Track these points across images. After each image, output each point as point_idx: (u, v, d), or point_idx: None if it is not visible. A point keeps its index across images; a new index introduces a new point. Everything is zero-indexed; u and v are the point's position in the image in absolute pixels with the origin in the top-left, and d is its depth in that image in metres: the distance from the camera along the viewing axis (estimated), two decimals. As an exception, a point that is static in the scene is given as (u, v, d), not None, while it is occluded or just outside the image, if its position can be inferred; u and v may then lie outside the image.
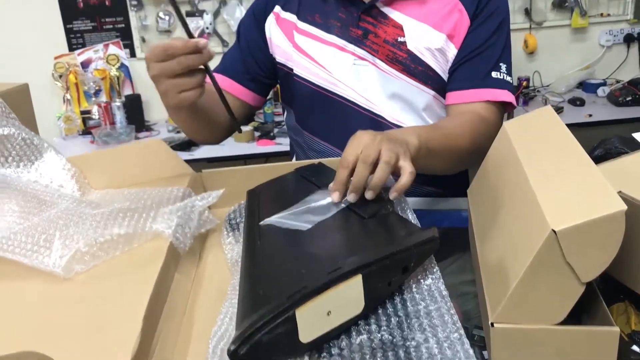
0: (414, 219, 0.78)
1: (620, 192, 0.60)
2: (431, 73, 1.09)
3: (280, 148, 2.37)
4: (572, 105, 2.67)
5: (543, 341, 0.54)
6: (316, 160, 0.94)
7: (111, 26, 2.77)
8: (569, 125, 0.69)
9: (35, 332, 0.57)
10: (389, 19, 1.09)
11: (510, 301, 0.54)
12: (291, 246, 0.66)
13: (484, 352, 0.61)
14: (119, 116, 2.65)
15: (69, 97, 2.75)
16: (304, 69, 1.14)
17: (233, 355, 0.50)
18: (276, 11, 1.17)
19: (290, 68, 1.16)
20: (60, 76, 2.73)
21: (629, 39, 3.00)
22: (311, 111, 1.17)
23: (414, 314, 0.56)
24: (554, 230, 0.50)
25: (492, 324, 0.55)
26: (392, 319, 0.56)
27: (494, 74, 1.08)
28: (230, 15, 2.77)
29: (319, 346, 0.55)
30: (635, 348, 0.60)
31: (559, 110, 2.57)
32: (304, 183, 0.84)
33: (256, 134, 2.52)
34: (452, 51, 1.09)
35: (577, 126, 2.42)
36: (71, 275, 0.66)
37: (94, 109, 2.71)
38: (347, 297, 0.54)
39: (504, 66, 1.09)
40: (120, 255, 0.70)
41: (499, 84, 1.07)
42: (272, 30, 1.17)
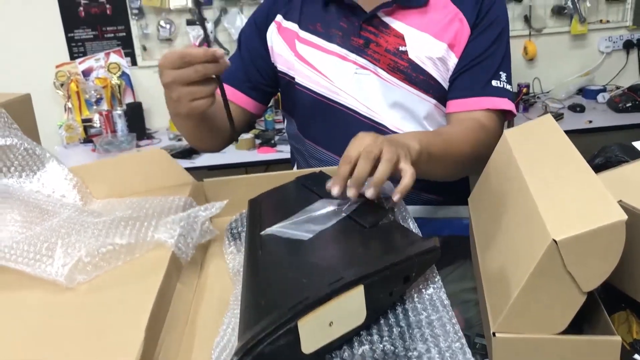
0: (415, 228, 0.79)
1: (620, 201, 0.60)
2: (432, 82, 1.10)
3: (281, 155, 2.37)
4: (572, 112, 2.67)
5: (545, 351, 0.54)
6: (317, 169, 0.94)
7: (112, 35, 2.78)
8: (569, 132, 0.69)
9: (38, 341, 0.57)
10: (390, 28, 1.10)
11: (511, 311, 0.54)
12: (292, 256, 0.66)
13: (485, 361, 0.61)
14: (120, 124, 2.65)
15: (70, 106, 2.76)
16: (305, 78, 1.14)
17: (236, 366, 0.50)
18: (278, 20, 1.18)
19: (292, 77, 1.16)
20: (61, 85, 2.74)
21: (628, 45, 3.01)
22: (313, 120, 1.17)
23: (415, 324, 0.56)
24: (555, 240, 0.50)
25: (494, 334, 0.55)
26: (394, 329, 0.56)
27: (494, 83, 1.08)
28: (231, 23, 2.78)
29: (321, 357, 0.55)
30: (637, 357, 0.60)
31: (559, 116, 2.57)
32: (304, 192, 0.84)
33: (257, 141, 2.52)
34: (453, 60, 1.10)
35: (578, 132, 2.42)
36: (74, 284, 0.66)
37: (95, 117, 2.72)
38: (349, 308, 0.55)
39: (504, 75, 1.10)
40: (122, 264, 0.71)
41: (499, 92, 1.08)
42: (274, 39, 1.17)
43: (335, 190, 0.73)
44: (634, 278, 0.61)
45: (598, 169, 0.68)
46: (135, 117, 2.69)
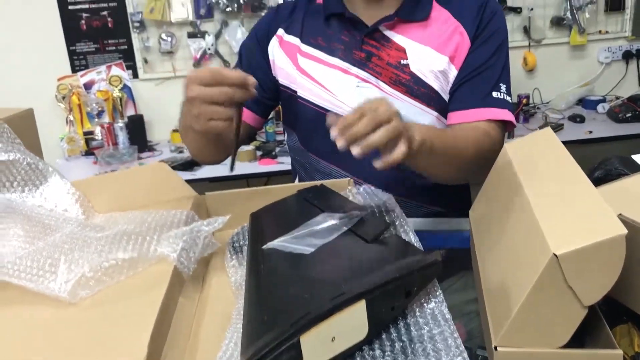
0: (416, 241, 0.79)
1: (620, 215, 0.60)
2: (433, 94, 1.11)
3: (282, 167, 2.38)
4: (572, 122, 2.68)
5: (547, 365, 0.55)
6: (318, 182, 0.94)
7: (114, 48, 2.80)
8: (569, 142, 0.70)
9: (41, 356, 0.57)
10: (392, 42, 1.11)
11: (513, 325, 0.54)
12: (294, 270, 0.66)
13: (487, 375, 0.61)
14: (122, 137, 2.67)
15: (72, 119, 2.77)
16: (307, 91, 1.15)
17: (238, 381, 0.50)
18: (279, 34, 1.19)
19: (294, 90, 1.17)
20: (63, 97, 2.75)
21: (627, 56, 3.03)
22: (315, 132, 1.18)
23: (417, 339, 0.56)
24: (556, 255, 0.51)
25: (496, 348, 0.55)
26: (396, 344, 0.56)
27: (494, 94, 1.09)
28: (231, 36, 2.80)
29: (323, 372, 0.55)
30: (639, 370, 0.60)
31: (559, 126, 2.57)
32: (306, 205, 0.85)
33: (258, 153, 2.53)
34: (453, 73, 1.11)
35: (578, 143, 2.42)
36: (76, 300, 0.67)
37: (97, 130, 2.73)
38: (351, 323, 0.55)
39: (503, 86, 1.10)
40: (125, 279, 0.71)
41: (500, 103, 1.09)
42: (276, 53, 1.18)
43: (332, 133, 0.74)
44: (635, 291, 0.61)
45: (598, 182, 0.68)
46: (137, 130, 2.71)
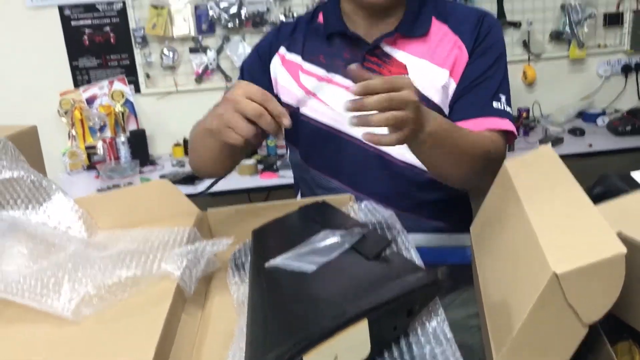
0: (417, 258, 0.79)
1: (620, 233, 0.61)
2: (435, 109, 1.11)
3: (284, 181, 2.38)
4: (572, 135, 2.69)
5: (548, 383, 0.55)
6: (320, 198, 0.95)
7: (116, 63, 2.82)
8: (570, 156, 0.70)
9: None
10: (393, 59, 1.12)
11: (514, 343, 0.55)
12: (296, 289, 0.66)
13: (489, 393, 0.61)
14: (124, 151, 2.68)
15: (74, 133, 2.78)
16: (310, 108, 1.16)
17: (241, 401, 0.50)
18: (281, 53, 1.20)
19: (297, 107, 1.18)
20: (65, 112, 2.77)
21: (626, 69, 3.05)
22: (318, 149, 1.18)
23: (419, 358, 0.56)
24: (556, 273, 0.51)
25: (497, 367, 0.55)
26: (398, 363, 0.57)
27: (494, 104, 1.09)
28: (233, 51, 2.82)
29: (326, 391, 0.55)
30: (640, 388, 0.60)
31: (559, 140, 2.58)
32: (308, 222, 0.85)
33: (259, 166, 2.53)
34: (453, 86, 1.12)
35: (579, 156, 2.43)
36: (80, 318, 0.67)
37: (99, 145, 2.74)
38: (354, 342, 0.55)
39: (503, 97, 1.11)
40: (128, 297, 0.71)
41: (500, 113, 1.09)
42: (278, 71, 1.19)
43: (351, 89, 0.79)
44: (636, 309, 0.61)
45: (597, 198, 0.68)
46: (139, 144, 2.72)
